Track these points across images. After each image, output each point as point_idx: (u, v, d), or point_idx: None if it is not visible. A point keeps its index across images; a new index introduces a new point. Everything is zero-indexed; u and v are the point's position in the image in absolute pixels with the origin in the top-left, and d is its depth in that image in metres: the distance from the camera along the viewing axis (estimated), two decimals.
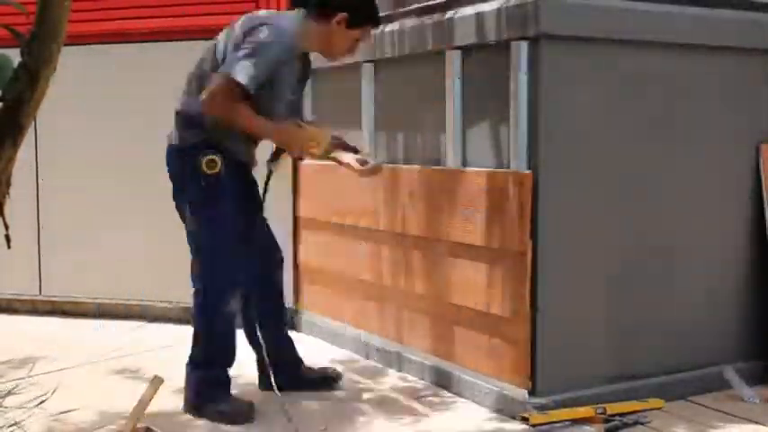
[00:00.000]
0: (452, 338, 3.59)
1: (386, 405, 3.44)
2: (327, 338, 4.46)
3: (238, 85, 3.06)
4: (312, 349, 4.32)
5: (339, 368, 3.81)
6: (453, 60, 3.52)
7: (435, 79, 3.62)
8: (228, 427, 3.17)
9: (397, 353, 3.91)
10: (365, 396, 3.57)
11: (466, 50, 3.50)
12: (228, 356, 3.33)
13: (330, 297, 4.47)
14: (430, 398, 3.51)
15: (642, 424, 3.12)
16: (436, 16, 3.65)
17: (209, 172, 3.23)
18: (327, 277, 4.48)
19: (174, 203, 3.47)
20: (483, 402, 3.37)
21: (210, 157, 3.22)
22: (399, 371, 3.87)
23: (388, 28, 3.97)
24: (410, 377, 3.79)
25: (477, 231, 3.39)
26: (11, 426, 2.69)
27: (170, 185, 4.76)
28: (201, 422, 3.25)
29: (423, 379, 3.73)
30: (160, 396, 2.90)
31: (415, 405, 3.43)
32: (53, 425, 2.98)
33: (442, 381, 3.61)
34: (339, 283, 4.38)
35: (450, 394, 3.54)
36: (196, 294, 3.30)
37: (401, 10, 3.98)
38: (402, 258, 3.88)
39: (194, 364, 3.32)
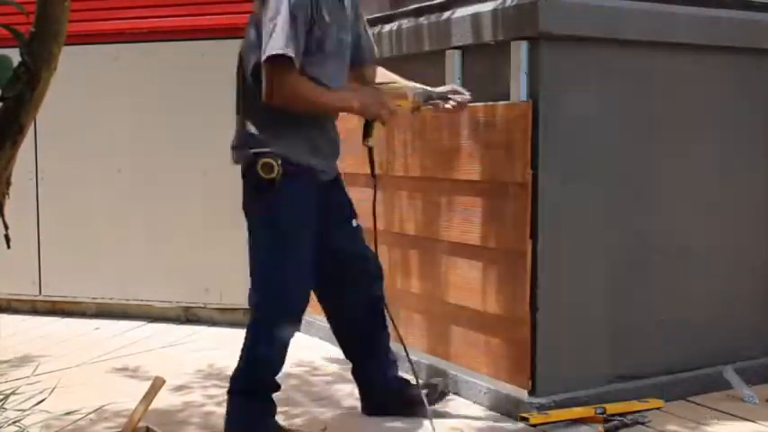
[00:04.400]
0: (452, 338, 3.59)
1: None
2: (326, 338, 4.45)
3: (279, 58, 2.74)
4: (311, 349, 4.32)
5: (336, 368, 3.81)
6: (453, 60, 3.53)
7: (435, 79, 3.61)
8: None
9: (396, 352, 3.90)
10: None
11: (466, 50, 3.50)
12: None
13: None
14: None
15: (642, 424, 3.13)
16: (436, 16, 3.65)
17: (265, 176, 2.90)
18: None
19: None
20: (482, 402, 3.37)
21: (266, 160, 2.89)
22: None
23: (388, 28, 3.97)
24: (408, 376, 3.79)
25: (477, 231, 3.40)
26: (10, 425, 2.69)
27: (170, 185, 4.80)
28: (199, 421, 3.25)
29: (422, 378, 3.72)
30: (160, 396, 2.90)
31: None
32: (52, 423, 2.98)
33: (443, 380, 3.61)
34: None
35: (451, 394, 3.53)
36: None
37: (401, 10, 3.98)
38: (401, 258, 3.88)
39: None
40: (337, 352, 4.24)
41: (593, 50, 3.26)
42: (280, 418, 3.28)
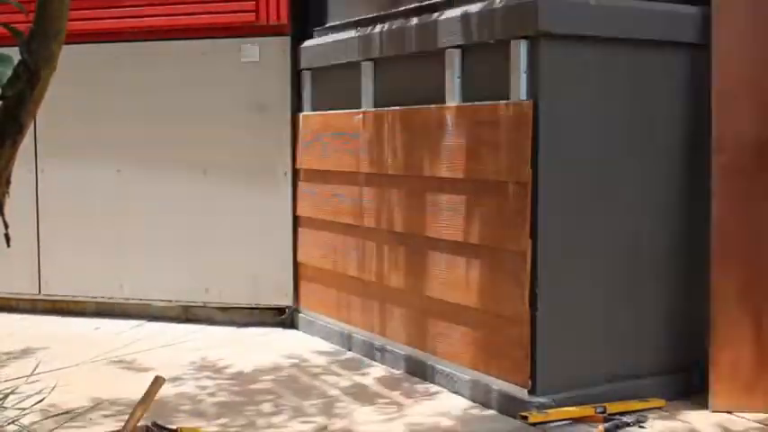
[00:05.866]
0: (452, 337, 3.59)
1: (384, 402, 3.44)
2: (326, 337, 4.46)
3: None
4: (312, 349, 4.32)
5: (324, 360, 3.85)
6: (453, 59, 3.52)
7: (435, 79, 3.61)
8: None
9: (397, 352, 3.91)
10: (362, 393, 3.57)
11: (466, 50, 3.50)
12: None
13: (329, 296, 4.47)
14: (429, 396, 3.52)
15: (642, 423, 3.12)
16: (435, 15, 3.65)
17: None
18: (326, 276, 4.48)
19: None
20: (483, 401, 3.37)
21: None
22: (398, 369, 3.88)
23: (387, 27, 3.97)
24: (409, 375, 3.79)
25: (477, 231, 3.40)
26: (9, 423, 2.69)
27: (170, 184, 4.80)
28: (190, 408, 3.26)
29: (424, 378, 3.73)
30: (160, 395, 2.91)
31: (414, 403, 3.43)
32: (52, 422, 2.98)
33: (443, 380, 3.62)
34: (338, 282, 4.38)
35: (450, 393, 3.54)
36: None
37: (401, 9, 3.98)
38: (402, 258, 3.88)
39: None
40: (327, 346, 4.27)
41: (594, 49, 3.26)
42: (268, 407, 3.30)
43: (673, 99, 3.46)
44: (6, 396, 2.75)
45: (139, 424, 2.80)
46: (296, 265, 4.71)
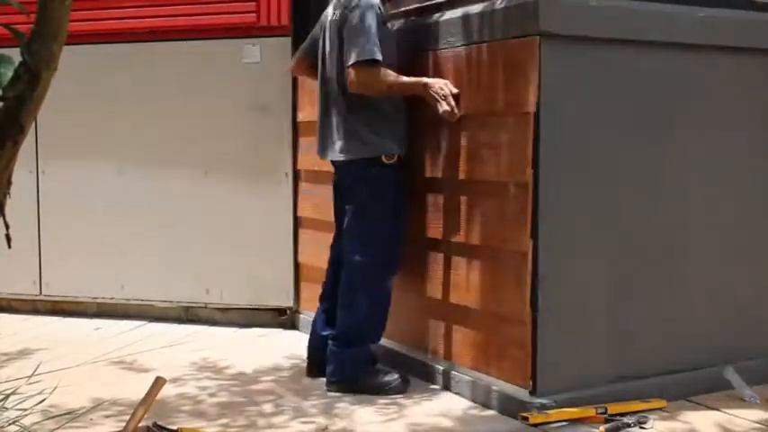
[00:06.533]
0: (453, 338, 3.60)
1: (384, 403, 3.44)
2: None
3: (371, 62, 3.41)
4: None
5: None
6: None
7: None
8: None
9: (398, 353, 3.91)
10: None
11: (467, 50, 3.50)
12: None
13: None
14: (430, 396, 3.52)
15: (644, 424, 3.12)
16: (436, 16, 3.65)
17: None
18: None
19: None
20: (484, 401, 3.37)
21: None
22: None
23: (388, 27, 3.96)
24: (410, 377, 3.79)
25: (477, 231, 3.40)
26: (11, 424, 2.69)
27: (170, 185, 4.81)
28: (190, 409, 3.27)
29: (425, 379, 3.73)
30: (161, 395, 2.91)
31: (414, 404, 3.44)
32: (52, 423, 2.99)
33: (443, 380, 3.62)
34: None
35: (451, 394, 3.54)
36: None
37: (401, 9, 3.98)
38: (403, 258, 3.87)
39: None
40: None
41: (594, 50, 3.26)
42: (269, 407, 3.31)
43: (673, 99, 3.47)
44: (7, 397, 2.75)
45: (140, 424, 2.80)
46: (297, 266, 4.71)
